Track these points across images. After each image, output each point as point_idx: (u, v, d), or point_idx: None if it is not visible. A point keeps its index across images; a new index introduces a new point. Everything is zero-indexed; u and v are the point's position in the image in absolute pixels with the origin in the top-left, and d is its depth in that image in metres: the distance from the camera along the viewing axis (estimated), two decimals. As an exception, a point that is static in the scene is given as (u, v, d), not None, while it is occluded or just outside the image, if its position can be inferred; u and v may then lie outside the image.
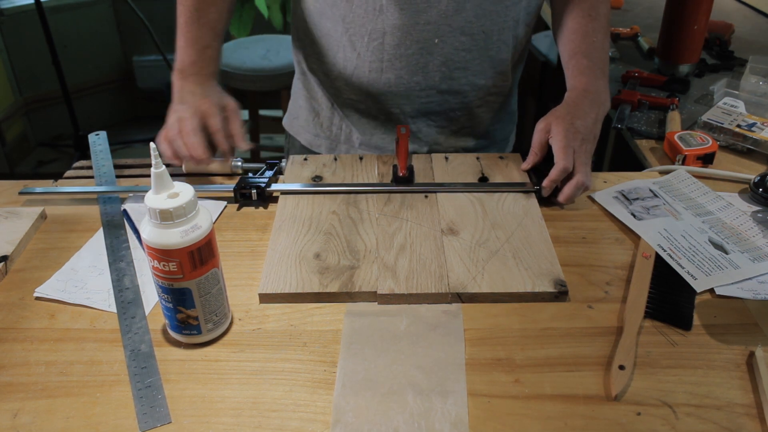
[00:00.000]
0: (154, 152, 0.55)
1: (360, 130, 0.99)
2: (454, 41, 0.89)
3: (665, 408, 0.55)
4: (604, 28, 0.92)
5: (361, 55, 0.91)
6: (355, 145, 1.01)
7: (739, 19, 1.58)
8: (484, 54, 0.92)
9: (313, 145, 1.04)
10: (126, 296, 0.68)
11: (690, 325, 0.64)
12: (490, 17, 0.89)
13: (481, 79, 0.95)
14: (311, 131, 1.04)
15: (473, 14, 0.88)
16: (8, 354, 0.61)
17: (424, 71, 0.91)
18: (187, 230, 0.56)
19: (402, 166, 0.85)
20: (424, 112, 0.96)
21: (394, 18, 0.87)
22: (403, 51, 0.89)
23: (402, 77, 0.92)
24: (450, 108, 0.96)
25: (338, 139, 1.02)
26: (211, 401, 0.56)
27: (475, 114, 0.99)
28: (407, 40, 0.88)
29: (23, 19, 2.68)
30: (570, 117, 0.83)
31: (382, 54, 0.90)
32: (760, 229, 0.77)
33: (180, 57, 0.89)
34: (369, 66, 0.91)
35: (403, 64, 0.90)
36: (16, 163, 2.77)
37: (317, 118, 1.03)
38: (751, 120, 0.97)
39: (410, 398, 0.56)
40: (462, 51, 0.90)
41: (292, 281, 0.68)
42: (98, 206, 0.83)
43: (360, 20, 0.89)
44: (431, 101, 0.95)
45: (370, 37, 0.89)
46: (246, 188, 0.82)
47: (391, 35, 0.88)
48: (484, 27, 0.89)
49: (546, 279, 0.68)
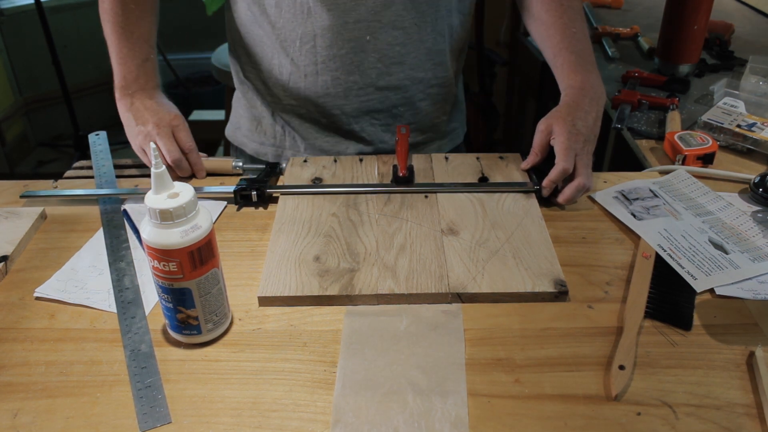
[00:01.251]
0: (154, 152, 0.55)
1: (303, 134, 0.98)
2: (386, 36, 0.89)
3: (665, 408, 0.55)
4: (580, 16, 0.90)
5: (295, 60, 0.91)
6: (301, 150, 1.00)
7: (739, 19, 1.58)
8: (419, 46, 0.91)
9: (259, 153, 1.03)
10: (126, 296, 0.68)
11: (690, 325, 0.64)
12: (420, 9, 0.88)
13: (419, 72, 0.94)
14: (256, 140, 1.03)
15: (402, 7, 0.87)
16: (8, 354, 0.61)
17: (360, 69, 0.90)
18: (187, 230, 0.56)
19: (402, 166, 0.85)
20: (365, 110, 0.95)
21: (322, 19, 0.86)
22: (335, 51, 0.89)
23: (338, 78, 0.91)
24: (392, 104, 0.96)
25: (283, 146, 1.01)
26: (211, 401, 0.56)
27: (418, 108, 0.98)
28: (339, 40, 0.88)
29: (23, 19, 2.68)
30: (572, 118, 0.82)
31: (316, 57, 0.90)
32: (760, 229, 0.77)
33: (120, 74, 0.88)
34: (304, 70, 0.91)
35: (338, 65, 0.90)
36: (16, 163, 2.77)
37: (260, 126, 1.01)
38: (751, 120, 0.97)
39: (410, 398, 0.56)
40: (396, 45, 0.90)
41: (292, 284, 0.68)
42: (98, 206, 0.83)
43: (290, 25, 0.88)
44: (371, 99, 0.94)
45: (302, 41, 0.89)
46: (246, 190, 0.82)
47: (322, 37, 0.88)
48: (416, 20, 0.89)
49: (546, 279, 0.68)
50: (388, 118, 0.97)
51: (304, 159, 0.91)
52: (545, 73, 2.14)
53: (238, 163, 0.89)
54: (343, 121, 0.96)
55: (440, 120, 1.02)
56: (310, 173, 0.88)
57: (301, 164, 0.90)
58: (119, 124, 0.89)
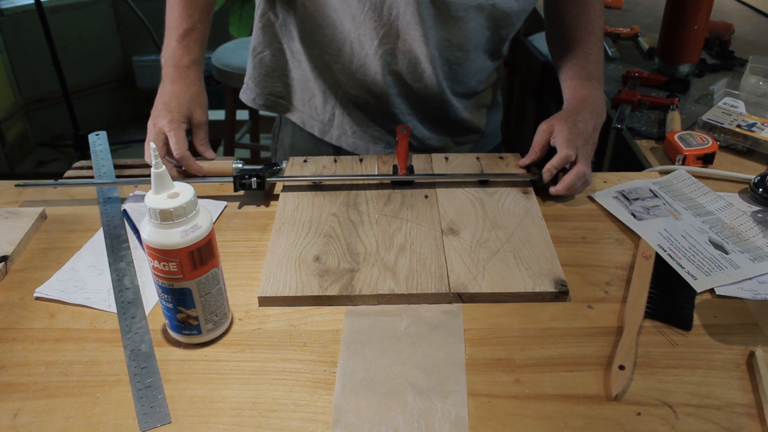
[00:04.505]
0: (154, 152, 0.55)
1: (356, 121, 0.98)
2: (449, 55, 0.90)
3: (665, 408, 0.55)
4: (599, 41, 0.95)
5: (369, 56, 0.90)
6: (348, 134, 0.99)
7: (739, 19, 1.58)
8: (472, 66, 0.94)
9: (306, 124, 1.01)
10: (126, 296, 0.68)
11: (690, 325, 0.64)
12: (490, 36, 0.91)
13: (470, 89, 0.97)
14: (305, 111, 1.01)
15: (478, 30, 0.89)
16: (8, 354, 0.61)
17: (425, 78, 0.91)
18: (187, 230, 0.56)
19: (402, 166, 0.85)
20: (420, 112, 0.97)
21: (410, 27, 0.86)
22: (411, 58, 0.89)
23: (405, 82, 0.92)
24: (443, 111, 0.98)
25: (331, 125, 1.00)
26: (211, 401, 0.56)
27: (463, 117, 1.00)
28: (417, 51, 0.88)
29: (23, 19, 2.69)
30: (573, 119, 0.85)
31: (391, 58, 0.90)
32: (760, 229, 0.77)
33: (164, 46, 0.88)
34: (375, 68, 0.91)
35: (409, 71, 0.91)
36: (16, 163, 2.77)
37: (312, 100, 0.99)
38: (751, 120, 0.97)
39: (410, 398, 0.56)
40: (455, 64, 0.92)
41: (292, 284, 0.68)
42: (98, 206, 0.83)
43: (372, 23, 0.87)
44: (428, 105, 0.96)
45: (381, 42, 0.88)
46: (246, 177, 0.82)
47: (403, 42, 0.88)
48: (477, 43, 0.91)
49: (547, 279, 0.68)
50: (435, 119, 1.00)
51: (304, 159, 0.91)
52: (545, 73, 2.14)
53: (238, 164, 0.89)
54: (399, 118, 0.97)
55: (480, 123, 1.04)
56: (310, 173, 0.88)
57: (301, 164, 0.90)
58: (119, 124, 0.90)
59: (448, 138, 1.03)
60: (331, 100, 0.98)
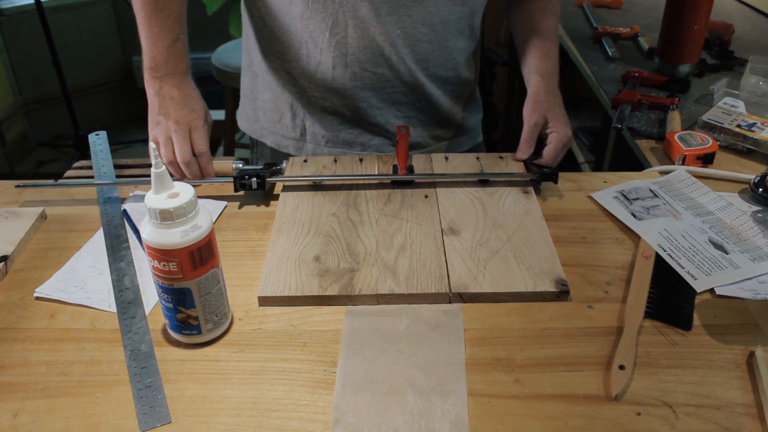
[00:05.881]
0: (154, 152, 0.55)
1: (326, 127, 0.98)
2: (415, 32, 0.90)
3: (665, 408, 0.55)
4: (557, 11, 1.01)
5: (324, 51, 0.90)
6: (321, 144, 0.99)
7: (739, 19, 1.58)
8: (444, 44, 0.93)
9: (280, 146, 1.02)
10: (126, 296, 0.68)
11: (690, 325, 0.64)
12: (451, 8, 0.90)
13: (441, 70, 0.96)
14: (277, 132, 1.02)
15: (433, 4, 0.89)
16: (8, 354, 0.61)
17: (389, 63, 0.91)
18: (187, 230, 0.56)
19: (402, 166, 0.85)
20: (390, 103, 0.96)
21: (355, 9, 0.86)
22: (367, 43, 0.89)
23: (367, 70, 0.91)
24: (416, 98, 0.97)
25: (304, 139, 1.00)
26: (211, 401, 0.56)
27: (439, 103, 0.99)
28: (370, 32, 0.88)
29: (23, 19, 2.69)
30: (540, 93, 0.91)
31: (346, 48, 0.89)
32: (760, 229, 0.77)
33: (150, 54, 0.86)
34: (333, 61, 0.91)
35: (368, 57, 0.90)
36: (16, 163, 2.77)
37: (283, 119, 1.00)
38: (751, 120, 0.97)
39: (410, 398, 0.56)
40: (423, 42, 0.91)
41: (292, 284, 0.68)
42: (98, 206, 0.83)
43: (320, 15, 0.88)
44: (397, 92, 0.95)
45: (332, 32, 0.88)
46: (246, 178, 0.82)
47: (354, 28, 0.88)
48: (444, 17, 0.91)
49: (547, 278, 0.68)
50: (412, 110, 0.98)
51: (304, 159, 0.91)
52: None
53: (239, 164, 0.89)
54: (368, 113, 0.96)
55: (459, 116, 1.04)
56: (310, 173, 0.88)
57: (301, 164, 0.90)
58: (119, 124, 0.90)
59: (425, 132, 1.01)
60: (299, 113, 0.98)
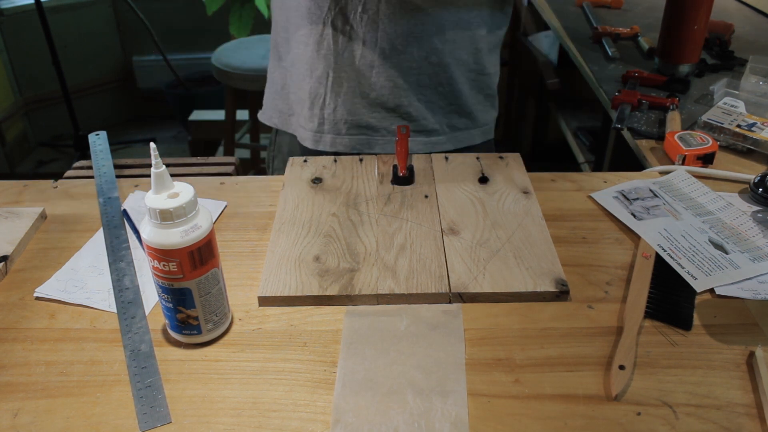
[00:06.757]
0: (154, 152, 0.55)
1: (349, 109, 0.97)
2: (444, 12, 0.90)
3: (665, 408, 0.55)
4: None
5: (354, 27, 0.90)
6: (342, 132, 0.99)
7: (739, 19, 1.58)
8: (467, 32, 0.94)
9: (304, 139, 1.01)
10: (126, 296, 0.68)
11: (690, 325, 0.64)
12: None
13: (464, 54, 0.96)
14: (300, 123, 1.01)
15: None
16: (8, 354, 0.61)
17: (418, 42, 0.91)
18: (187, 230, 0.56)
19: (402, 166, 0.85)
20: (415, 84, 0.96)
21: None
22: (397, 20, 0.89)
23: (396, 48, 0.92)
24: (438, 82, 0.97)
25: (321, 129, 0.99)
26: (211, 401, 0.56)
27: (460, 91, 0.99)
28: (402, 9, 0.88)
29: (23, 19, 2.69)
30: None
31: (377, 23, 0.90)
32: (760, 229, 0.77)
33: None
34: (363, 37, 0.91)
35: (398, 33, 0.90)
36: (16, 163, 2.78)
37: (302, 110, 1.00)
38: (751, 120, 0.97)
39: (410, 398, 0.56)
40: (450, 25, 0.92)
41: (292, 284, 0.68)
42: (98, 206, 0.83)
43: None
44: (422, 74, 0.95)
45: (364, 7, 0.89)
46: None
47: (387, 3, 0.88)
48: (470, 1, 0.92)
49: (547, 278, 0.68)
50: (434, 95, 0.98)
51: (304, 159, 0.91)
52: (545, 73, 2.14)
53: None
54: (393, 94, 0.96)
55: (477, 109, 1.03)
56: (310, 173, 0.88)
57: (301, 164, 0.90)
58: (119, 124, 0.90)
59: (444, 119, 1.00)
60: (319, 101, 0.98)
